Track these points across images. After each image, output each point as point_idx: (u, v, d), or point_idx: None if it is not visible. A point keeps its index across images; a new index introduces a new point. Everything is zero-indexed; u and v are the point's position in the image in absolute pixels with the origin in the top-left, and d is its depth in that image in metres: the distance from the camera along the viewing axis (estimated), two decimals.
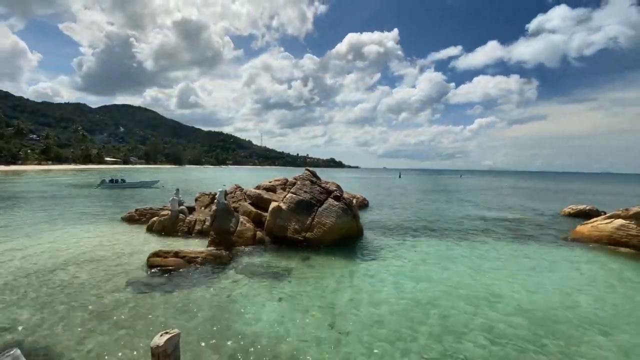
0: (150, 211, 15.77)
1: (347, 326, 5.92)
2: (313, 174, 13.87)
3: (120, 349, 5.03)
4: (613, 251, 11.69)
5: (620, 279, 8.99)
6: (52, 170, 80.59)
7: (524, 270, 9.43)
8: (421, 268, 9.48)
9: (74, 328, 5.61)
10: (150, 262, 8.85)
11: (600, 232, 13.00)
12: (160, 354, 3.38)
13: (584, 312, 6.77)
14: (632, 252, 11.47)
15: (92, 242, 11.54)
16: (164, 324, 5.73)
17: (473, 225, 16.91)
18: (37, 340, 5.22)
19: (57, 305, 6.45)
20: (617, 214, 12.96)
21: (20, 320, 5.83)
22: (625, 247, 11.88)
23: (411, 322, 6.15)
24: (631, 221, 12.23)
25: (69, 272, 8.41)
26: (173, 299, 6.86)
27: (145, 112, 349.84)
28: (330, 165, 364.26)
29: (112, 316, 6.04)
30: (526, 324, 6.13)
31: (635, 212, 12.24)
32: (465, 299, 7.27)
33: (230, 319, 6.06)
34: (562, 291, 7.90)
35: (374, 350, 5.19)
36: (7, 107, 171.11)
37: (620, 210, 12.93)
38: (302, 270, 9.00)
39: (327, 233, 11.34)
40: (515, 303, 7.08)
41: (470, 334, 5.74)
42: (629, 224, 12.24)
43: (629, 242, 11.92)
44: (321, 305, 6.81)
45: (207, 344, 5.21)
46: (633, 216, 12.24)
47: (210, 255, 9.50)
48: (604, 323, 6.27)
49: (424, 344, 5.40)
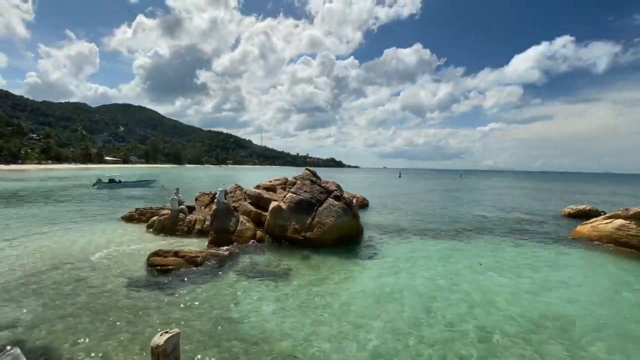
0: (150, 210, 15.77)
1: (347, 326, 5.92)
2: (313, 173, 13.88)
3: (120, 348, 5.03)
4: (613, 251, 11.69)
5: (620, 278, 8.99)
6: (52, 169, 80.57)
7: (523, 270, 9.42)
8: (421, 267, 9.48)
9: (74, 327, 5.61)
10: (150, 261, 8.84)
11: (600, 232, 13.01)
12: (160, 354, 3.38)
13: (584, 312, 6.77)
14: (632, 252, 11.47)
15: (92, 241, 11.54)
16: (164, 324, 5.74)
17: (473, 225, 16.91)
18: (37, 340, 5.22)
19: (56, 305, 6.46)
20: (617, 214, 12.97)
21: (20, 320, 5.83)
22: (625, 247, 11.89)
23: (411, 321, 6.15)
24: (631, 221, 12.24)
25: (68, 271, 8.41)
26: (173, 299, 6.86)
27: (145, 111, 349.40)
28: (330, 165, 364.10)
29: (112, 315, 6.04)
30: (525, 324, 6.12)
31: (635, 212, 12.25)
32: (465, 298, 7.27)
33: (230, 319, 6.06)
34: (562, 291, 7.89)
35: (374, 350, 5.20)
36: (7, 106, 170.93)
37: (620, 211, 12.95)
38: (302, 270, 9.00)
39: (327, 233, 11.34)
40: (514, 303, 7.08)
41: (470, 334, 5.74)
42: (629, 224, 12.24)
43: (629, 242, 11.92)
44: (321, 304, 6.81)
45: (207, 344, 5.21)
46: (633, 216, 12.24)
47: (210, 254, 9.50)
48: (604, 323, 6.27)
49: (424, 343, 5.40)
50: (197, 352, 4.99)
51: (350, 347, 5.26)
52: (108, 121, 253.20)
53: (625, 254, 11.31)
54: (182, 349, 4.07)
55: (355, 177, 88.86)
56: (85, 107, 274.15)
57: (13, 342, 5.05)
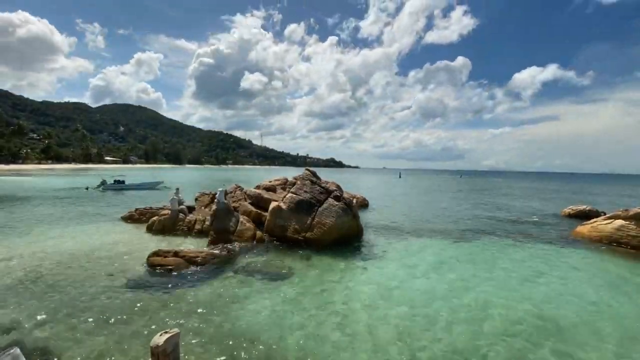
0: (150, 210, 15.77)
1: (347, 326, 5.92)
2: (313, 173, 13.87)
3: (120, 348, 5.02)
4: (613, 251, 11.70)
5: (620, 279, 8.98)
6: (52, 169, 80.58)
7: (523, 270, 9.42)
8: (421, 268, 9.48)
9: (74, 327, 5.61)
10: (150, 261, 8.85)
11: (600, 233, 13.01)
12: (160, 354, 3.38)
13: (583, 312, 6.76)
14: (632, 252, 11.47)
15: (91, 241, 11.54)
16: (164, 324, 5.74)
17: (473, 225, 16.91)
18: (37, 340, 5.22)
19: (56, 305, 6.45)
20: (617, 214, 12.98)
21: (19, 320, 5.83)
22: (625, 247, 11.90)
23: (412, 322, 6.15)
24: (631, 222, 12.25)
25: (68, 271, 8.41)
26: (173, 299, 6.86)
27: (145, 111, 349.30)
28: (330, 165, 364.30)
29: (111, 316, 6.04)
30: (524, 324, 6.12)
31: (635, 212, 12.26)
32: (465, 298, 7.27)
33: (230, 319, 6.06)
34: (561, 291, 7.89)
35: (374, 350, 5.20)
36: (7, 106, 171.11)
37: (620, 211, 12.96)
38: (302, 270, 9.00)
39: (327, 233, 11.33)
40: (514, 303, 7.08)
41: (470, 333, 5.74)
42: (629, 224, 12.25)
43: (628, 242, 11.93)
44: (321, 305, 6.81)
45: (207, 343, 5.21)
46: (633, 217, 12.26)
47: (210, 254, 9.50)
48: (603, 323, 6.27)
49: (424, 344, 5.40)
50: (196, 352, 4.98)
51: (351, 347, 5.26)
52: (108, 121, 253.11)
53: (625, 254, 11.31)
54: (181, 349, 4.08)
55: (355, 178, 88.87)
56: (85, 107, 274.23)
57: (12, 342, 5.05)
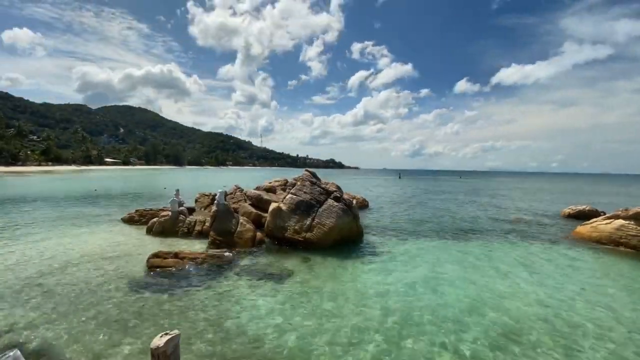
0: (150, 212, 15.76)
1: (347, 327, 5.92)
2: (313, 174, 13.88)
3: (120, 350, 5.02)
4: (613, 251, 11.70)
5: (620, 279, 8.99)
6: (52, 171, 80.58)
7: (523, 271, 9.43)
8: (421, 268, 9.48)
9: (74, 329, 5.61)
10: (150, 263, 8.85)
11: (600, 233, 13.01)
12: (160, 355, 3.38)
13: (583, 312, 6.76)
14: (632, 252, 11.48)
15: (91, 243, 11.53)
16: (164, 325, 5.74)
17: (472, 226, 16.91)
18: (37, 341, 5.21)
19: (56, 306, 6.45)
20: (616, 214, 12.98)
21: (20, 321, 5.83)
22: (625, 247, 11.90)
23: (412, 322, 6.15)
24: (631, 222, 12.25)
25: (68, 273, 8.41)
26: (173, 300, 6.86)
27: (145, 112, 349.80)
28: (330, 166, 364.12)
29: (111, 317, 6.04)
30: (524, 324, 6.13)
31: (634, 212, 12.27)
32: (465, 298, 7.27)
33: (230, 320, 6.06)
34: (561, 291, 7.90)
35: (374, 350, 5.20)
36: (7, 108, 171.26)
37: (620, 211, 12.96)
38: (302, 271, 9.00)
39: (327, 234, 11.33)
40: (513, 303, 7.08)
41: (470, 333, 5.74)
42: (629, 224, 12.26)
43: (628, 242, 11.93)
44: (321, 305, 6.81)
45: (207, 345, 5.21)
46: (633, 217, 12.26)
47: (210, 256, 9.50)
48: (603, 323, 6.27)
49: (424, 344, 5.40)
50: (197, 353, 4.98)
51: (351, 348, 5.26)
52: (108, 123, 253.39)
53: (625, 254, 11.31)
54: (182, 351, 4.08)
55: (355, 178, 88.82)
56: (84, 109, 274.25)
57: (13, 344, 5.05)
